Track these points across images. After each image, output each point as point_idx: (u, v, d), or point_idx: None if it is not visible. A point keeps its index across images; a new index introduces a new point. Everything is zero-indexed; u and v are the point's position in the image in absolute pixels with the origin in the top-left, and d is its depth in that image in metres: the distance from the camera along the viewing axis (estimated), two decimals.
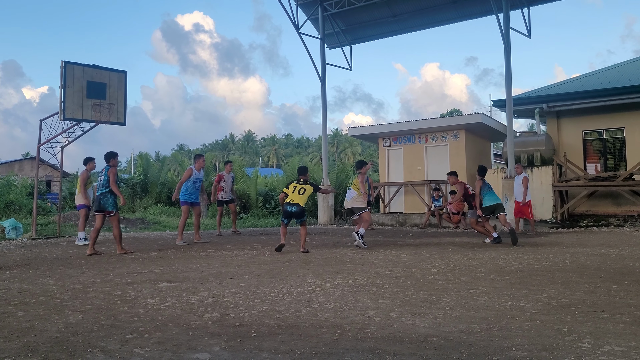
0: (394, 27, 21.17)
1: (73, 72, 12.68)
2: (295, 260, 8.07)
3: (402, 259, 8.08)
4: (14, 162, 40.79)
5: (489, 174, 17.17)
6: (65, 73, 12.53)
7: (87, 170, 11.11)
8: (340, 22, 21.50)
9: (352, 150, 77.71)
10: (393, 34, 21.71)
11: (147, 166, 27.25)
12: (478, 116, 17.54)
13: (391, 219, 17.63)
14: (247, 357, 3.26)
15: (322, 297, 5.06)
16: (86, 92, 12.82)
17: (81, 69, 12.85)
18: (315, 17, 20.66)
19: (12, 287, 5.92)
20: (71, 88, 12.58)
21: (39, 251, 10.01)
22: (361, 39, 22.32)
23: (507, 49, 15.58)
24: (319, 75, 20.40)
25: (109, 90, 13.25)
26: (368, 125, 20.64)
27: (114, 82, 13.38)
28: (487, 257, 8.17)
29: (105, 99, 13.12)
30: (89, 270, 7.25)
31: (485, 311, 4.42)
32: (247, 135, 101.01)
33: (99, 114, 12.96)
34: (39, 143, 13.23)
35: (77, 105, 12.70)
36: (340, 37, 21.61)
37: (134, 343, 3.58)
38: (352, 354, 3.27)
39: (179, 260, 8.28)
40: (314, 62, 20.34)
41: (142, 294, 5.34)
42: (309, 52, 20.25)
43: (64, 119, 12.68)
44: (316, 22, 20.92)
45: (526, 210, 13.64)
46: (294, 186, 9.57)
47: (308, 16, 20.62)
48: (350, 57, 21.87)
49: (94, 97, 12.92)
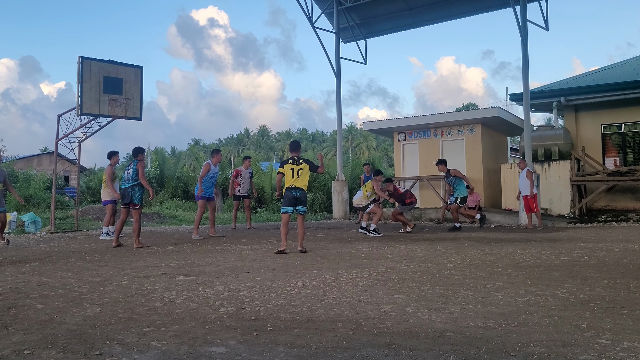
0: (410, 21, 21.05)
1: (90, 67, 12.79)
2: (310, 254, 8.08)
3: (418, 253, 8.05)
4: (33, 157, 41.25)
5: (506, 168, 17.05)
6: (82, 68, 12.65)
7: (111, 165, 11.06)
8: (355, 15, 21.40)
9: (366, 144, 77.49)
10: (408, 28, 21.59)
11: (163, 161, 27.43)
12: (494, 110, 17.38)
13: (406, 213, 17.55)
14: (263, 351, 3.26)
15: (338, 292, 5.06)
16: (103, 88, 12.94)
17: (98, 65, 12.96)
18: (330, 11, 20.59)
19: (32, 280, 5.99)
20: (88, 83, 12.69)
21: (57, 245, 10.12)
22: (376, 33, 22.21)
23: (524, 42, 15.40)
24: (333, 70, 20.35)
25: (125, 86, 13.35)
26: (383, 120, 20.55)
27: (130, 78, 13.48)
28: (504, 252, 8.10)
29: (121, 94, 13.22)
30: (106, 263, 7.32)
31: (502, 306, 4.38)
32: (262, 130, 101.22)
33: (115, 109, 13.06)
34: (57, 138, 13.37)
35: (94, 101, 12.81)
36: (355, 31, 21.52)
37: (151, 336, 3.61)
38: (367, 349, 3.26)
39: (195, 254, 8.33)
40: (328, 57, 20.30)
41: (158, 288, 5.38)
42: (324, 47, 20.22)
43: (81, 114, 12.81)
44: (331, 16, 20.85)
45: (532, 203, 13.57)
46: (291, 167, 8.57)
47: (323, 10, 20.56)
48: (365, 51, 21.79)
49: (110, 92, 13.03)
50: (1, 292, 5.23)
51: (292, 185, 8.47)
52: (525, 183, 13.60)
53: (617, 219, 15.03)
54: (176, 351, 3.27)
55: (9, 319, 4.11)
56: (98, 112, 13.00)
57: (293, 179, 8.48)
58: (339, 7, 20.33)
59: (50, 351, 3.29)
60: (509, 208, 16.53)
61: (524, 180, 13.67)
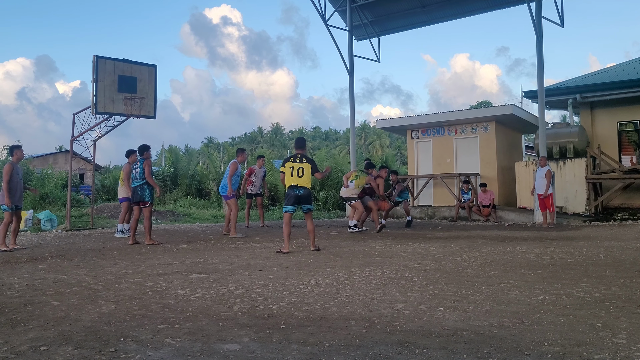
0: (423, 18, 20.94)
1: (105, 66, 12.88)
2: (323, 252, 8.08)
3: (431, 252, 8.02)
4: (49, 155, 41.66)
5: (521, 166, 16.92)
6: (97, 67, 12.74)
7: (129, 163, 10.93)
8: (368, 13, 21.34)
9: (380, 142, 77.30)
10: (422, 25, 21.48)
11: (176, 159, 27.57)
12: (509, 107, 17.26)
13: (420, 211, 17.51)
14: (276, 348, 3.27)
15: (351, 290, 5.06)
16: (117, 86, 13.02)
17: (112, 64, 13.05)
18: (343, 8, 20.56)
19: (48, 277, 6.06)
20: (103, 82, 12.79)
21: (73, 242, 10.23)
22: (389, 31, 22.13)
23: (539, 38, 15.27)
24: (346, 68, 20.32)
25: (139, 84, 13.43)
26: (396, 117, 20.50)
27: (144, 76, 13.56)
28: (518, 250, 8.05)
29: (135, 93, 13.30)
30: (121, 261, 7.38)
31: (516, 305, 4.35)
32: (275, 128, 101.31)
33: (129, 108, 13.15)
34: (72, 136, 13.49)
35: (109, 99, 12.90)
36: (368, 28, 21.46)
37: (165, 333, 3.63)
38: (380, 347, 3.26)
39: (208, 252, 8.37)
40: (341, 55, 20.28)
41: (172, 285, 5.41)
42: (337, 44, 20.20)
43: (96, 112, 12.91)
44: (344, 13, 20.82)
45: (548, 202, 13.49)
46: (291, 166, 8.31)
47: (336, 8, 20.53)
48: (378, 49, 21.73)
49: (125, 91, 13.12)
50: (18, 289, 5.29)
51: (294, 183, 8.27)
52: (543, 182, 13.50)
53: (634, 218, 14.86)
54: (190, 348, 3.29)
55: (25, 316, 4.16)
56: (113, 111, 13.09)
57: (293, 177, 8.28)
58: (352, 4, 20.28)
59: (66, 347, 3.32)
60: (523, 206, 16.42)
61: (541, 178, 13.57)
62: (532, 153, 23.98)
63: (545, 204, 13.59)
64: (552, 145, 16.35)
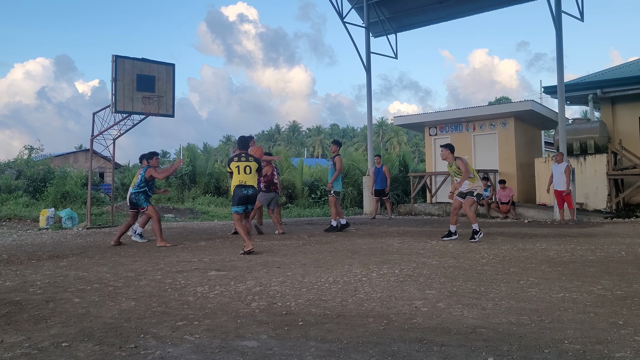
0: (441, 14, 20.82)
1: (123, 65, 12.99)
2: (341, 250, 8.08)
3: (450, 249, 7.98)
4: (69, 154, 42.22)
5: (540, 162, 16.75)
6: (116, 67, 12.85)
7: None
8: (385, 10, 21.27)
9: (397, 139, 77.07)
10: (439, 21, 21.37)
11: (195, 157, 27.72)
12: (528, 103, 17.09)
13: (438, 208, 17.42)
14: (294, 345, 3.28)
15: (369, 287, 5.05)
16: (136, 85, 13.12)
17: (131, 63, 13.16)
18: (360, 5, 20.52)
19: (69, 274, 6.14)
20: (122, 81, 12.90)
21: (93, 240, 10.35)
22: (407, 27, 22.05)
23: (558, 33, 15.08)
24: (363, 65, 20.28)
25: (157, 83, 13.53)
26: (414, 114, 20.42)
27: (162, 75, 13.65)
28: (538, 247, 7.97)
29: (154, 92, 13.40)
30: (140, 258, 7.45)
31: (536, 303, 4.31)
32: (293, 126, 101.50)
33: (148, 107, 13.25)
34: (92, 135, 13.64)
35: (128, 98, 13.01)
36: (385, 25, 21.39)
37: (184, 330, 3.66)
38: (399, 344, 3.25)
39: (227, 249, 8.42)
40: (358, 51, 20.23)
41: (191, 282, 5.45)
42: (354, 41, 20.16)
43: (115, 111, 13.03)
44: (361, 10, 20.77)
45: (568, 200, 13.34)
46: (237, 165, 8.01)
47: (352, 5, 20.50)
48: (396, 45, 21.65)
49: (143, 89, 13.22)
50: (40, 286, 5.37)
51: (243, 181, 7.99)
52: (563, 179, 13.34)
53: None
54: (209, 345, 3.31)
55: (47, 312, 4.22)
56: (132, 110, 13.20)
57: (240, 175, 8.00)
58: (369, 1, 20.24)
59: (87, 344, 3.37)
60: (543, 203, 16.25)
61: (561, 175, 13.41)
62: (551, 149, 23.72)
63: (564, 201, 13.44)
64: (572, 141, 16.16)
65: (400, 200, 20.78)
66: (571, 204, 13.44)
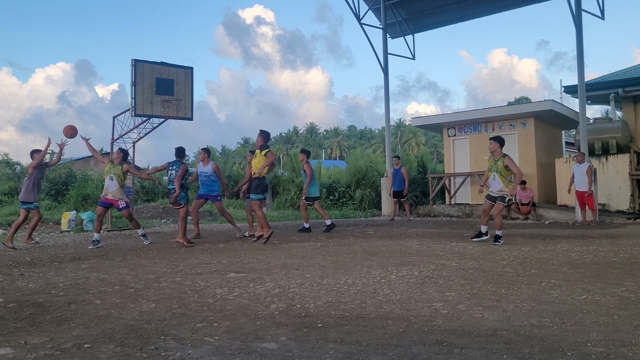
0: (459, 14, 20.69)
1: (142, 69, 13.13)
2: (359, 251, 8.06)
3: (469, 250, 7.91)
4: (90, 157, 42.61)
5: (561, 162, 16.56)
6: (135, 71, 13.00)
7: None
8: (403, 11, 21.20)
9: (416, 140, 76.72)
10: (457, 21, 21.23)
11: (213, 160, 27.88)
12: (548, 103, 16.89)
13: (457, 210, 17.31)
14: (313, 347, 3.28)
15: (388, 289, 5.03)
16: (155, 89, 13.26)
17: (150, 67, 13.29)
18: (377, 6, 20.47)
19: (90, 276, 6.21)
20: (141, 85, 13.04)
21: (114, 242, 10.46)
22: (424, 28, 21.95)
23: (578, 32, 14.90)
24: (381, 66, 20.23)
25: (176, 87, 13.65)
26: (432, 115, 20.30)
27: (181, 79, 13.77)
28: (559, 249, 7.87)
29: (173, 95, 13.52)
30: (160, 261, 7.51)
31: (558, 305, 4.26)
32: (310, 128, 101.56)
33: (167, 110, 13.38)
34: (113, 139, 13.80)
35: (147, 102, 13.15)
36: (403, 26, 21.32)
37: (204, 332, 3.68)
38: (418, 347, 3.23)
39: (245, 251, 8.45)
40: (376, 53, 20.19)
41: (211, 284, 5.48)
42: (371, 43, 20.11)
43: (135, 115, 13.17)
44: (378, 12, 20.73)
45: (590, 201, 13.15)
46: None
47: (370, 6, 20.46)
48: (413, 46, 21.56)
49: (162, 93, 13.35)
50: (62, 288, 5.44)
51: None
52: (584, 180, 13.17)
53: None
54: (228, 346, 3.32)
55: (69, 314, 4.27)
56: (151, 113, 13.33)
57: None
58: (386, 2, 20.18)
59: (109, 345, 3.40)
60: (564, 204, 16.05)
61: (582, 176, 13.24)
62: (572, 149, 23.42)
63: (586, 202, 13.26)
64: (593, 141, 15.94)
65: (419, 202, 20.67)
66: (593, 205, 13.25)
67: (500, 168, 8.63)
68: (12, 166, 21.89)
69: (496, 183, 8.72)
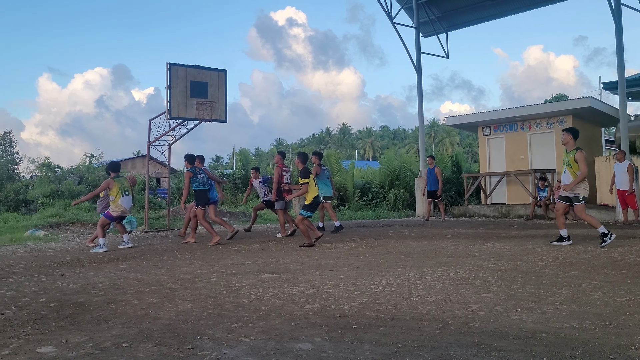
0: (492, 11, 20.39)
1: (177, 73, 13.32)
2: (394, 252, 8.01)
3: (506, 251, 7.78)
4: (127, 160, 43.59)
5: (601, 161, 16.15)
6: (170, 74, 13.19)
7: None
8: (435, 9, 21.01)
9: (450, 140, 75.96)
10: (491, 19, 20.93)
11: (247, 161, 28.11)
12: (587, 100, 16.48)
13: (493, 210, 17.04)
14: (348, 348, 3.27)
15: (423, 290, 4.98)
16: (189, 92, 13.43)
17: (184, 70, 13.47)
18: (409, 5, 20.33)
19: (129, 277, 6.33)
20: (176, 88, 13.23)
21: (151, 243, 10.64)
22: (457, 26, 21.71)
23: (618, 27, 14.51)
24: (414, 65, 20.08)
25: (210, 89, 13.80)
26: (467, 114, 20.03)
27: (214, 81, 13.91)
28: (600, 250, 7.67)
29: (207, 98, 13.68)
30: (196, 261, 7.60)
31: (599, 307, 4.15)
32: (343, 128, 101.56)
33: (202, 112, 13.54)
34: (149, 142, 14.03)
35: (182, 105, 13.33)
36: (436, 24, 21.12)
37: (239, 332, 3.71)
38: (455, 349, 3.18)
39: (279, 252, 8.48)
40: (408, 52, 20.04)
41: (246, 285, 5.52)
42: (404, 42, 19.97)
43: (170, 118, 13.36)
44: (410, 10, 20.58)
45: (631, 200, 12.77)
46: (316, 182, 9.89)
47: (402, 5, 20.33)
48: (447, 45, 21.34)
49: (197, 96, 13.51)
50: (101, 288, 5.56)
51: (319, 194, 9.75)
52: (625, 178, 12.82)
53: None
54: (264, 347, 3.34)
55: (109, 314, 4.36)
56: (186, 116, 13.51)
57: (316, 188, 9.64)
58: (419, 1, 20.03)
59: (147, 344, 3.45)
60: (604, 203, 15.64)
61: (623, 174, 12.88)
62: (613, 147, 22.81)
63: (627, 201, 12.89)
64: (634, 138, 15.49)
65: (453, 202, 20.42)
66: (634, 204, 12.88)
67: (571, 161, 8.28)
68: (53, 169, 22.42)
69: (566, 176, 8.31)
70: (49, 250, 9.55)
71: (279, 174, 11.20)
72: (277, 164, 11.59)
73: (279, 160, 11.61)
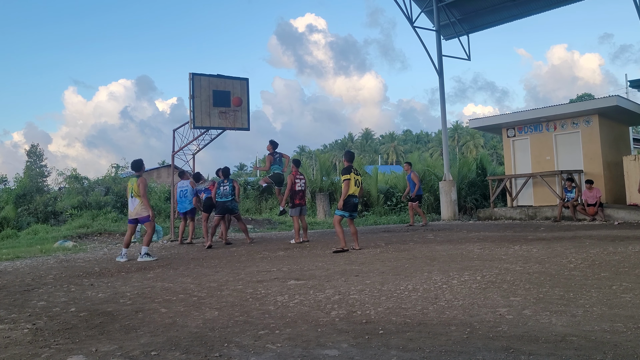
0: (514, 12, 20.21)
1: (200, 82, 13.46)
2: (419, 257, 7.96)
3: (534, 254, 7.67)
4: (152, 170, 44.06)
5: (629, 160, 15.85)
6: (193, 84, 13.33)
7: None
8: (456, 11, 20.90)
9: (474, 142, 75.31)
10: (513, 19, 20.75)
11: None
12: (613, 99, 16.19)
13: (519, 212, 16.82)
14: (375, 354, 3.25)
15: (450, 294, 4.94)
16: (212, 101, 13.56)
17: (207, 79, 13.61)
18: (430, 9, 20.26)
19: (156, 285, 6.39)
20: (199, 98, 13.36)
21: (177, 252, 10.74)
22: (479, 27, 21.55)
23: None
24: (435, 68, 19.97)
25: (233, 98, 13.91)
26: (490, 116, 19.83)
27: (237, 90, 14.02)
28: (631, 250, 7.52)
29: (229, 107, 13.78)
30: (222, 269, 7.65)
31: (631, 309, 4.06)
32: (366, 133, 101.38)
33: (225, 121, 13.65)
34: (173, 151, 14.18)
35: (205, 114, 13.46)
36: (457, 27, 21.00)
37: (266, 339, 3.72)
38: (483, 353, 3.15)
39: (305, 258, 8.49)
40: (430, 55, 19.95)
41: (271, 292, 5.53)
42: (425, 45, 19.90)
43: (194, 127, 13.50)
44: (430, 14, 20.51)
45: None
46: (356, 178, 9.38)
47: (422, 9, 20.28)
48: (468, 47, 21.21)
49: (219, 105, 13.63)
50: (129, 297, 5.63)
51: (354, 193, 9.32)
52: None
53: None
54: (290, 353, 3.34)
55: (137, 322, 4.41)
56: (209, 125, 13.64)
57: (354, 187, 9.30)
58: (439, 4, 19.94)
59: (175, 352, 3.48)
60: (633, 203, 15.32)
61: None
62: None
63: None
64: None
65: (479, 205, 20.22)
66: None
67: None
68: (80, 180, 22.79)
69: None
70: (78, 261, 9.71)
71: (291, 182, 11.38)
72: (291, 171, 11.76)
73: (293, 167, 11.84)
